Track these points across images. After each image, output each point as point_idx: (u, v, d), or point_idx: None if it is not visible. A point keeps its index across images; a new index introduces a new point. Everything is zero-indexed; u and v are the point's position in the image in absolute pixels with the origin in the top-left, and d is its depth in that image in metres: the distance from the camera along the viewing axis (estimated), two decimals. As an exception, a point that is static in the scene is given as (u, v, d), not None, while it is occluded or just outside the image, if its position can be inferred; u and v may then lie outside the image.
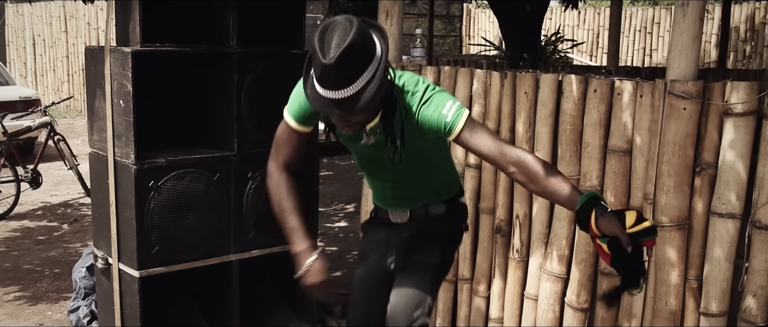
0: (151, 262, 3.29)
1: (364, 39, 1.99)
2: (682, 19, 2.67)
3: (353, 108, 2.02)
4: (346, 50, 1.94)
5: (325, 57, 1.96)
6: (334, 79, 1.98)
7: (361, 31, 1.98)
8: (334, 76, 1.97)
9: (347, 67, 1.96)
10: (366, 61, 2.00)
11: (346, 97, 1.99)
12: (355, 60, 1.97)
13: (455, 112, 2.14)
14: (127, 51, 3.14)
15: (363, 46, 1.99)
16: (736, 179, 2.65)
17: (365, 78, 1.99)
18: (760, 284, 2.67)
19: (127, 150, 3.23)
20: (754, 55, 12.10)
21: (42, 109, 7.50)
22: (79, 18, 14.14)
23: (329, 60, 1.95)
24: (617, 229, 1.95)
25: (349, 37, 1.95)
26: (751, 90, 2.59)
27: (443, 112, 2.14)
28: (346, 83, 1.98)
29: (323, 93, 2.01)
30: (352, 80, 1.98)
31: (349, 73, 1.97)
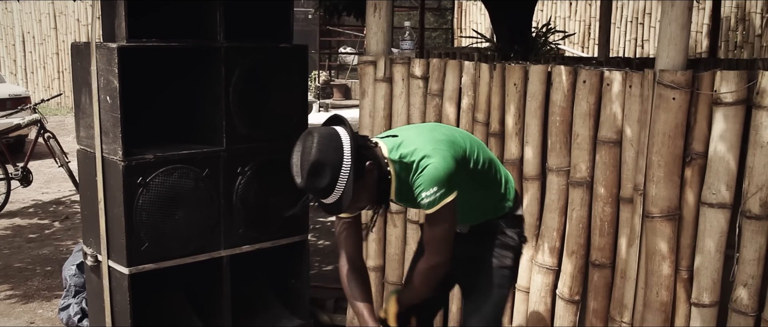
0: (140, 258, 3.27)
1: (325, 154, 2.19)
2: (671, 8, 2.66)
3: (340, 211, 2.28)
4: (310, 173, 2.18)
5: (297, 180, 2.22)
6: (316, 195, 2.23)
7: (321, 147, 2.19)
8: (313, 193, 2.23)
9: (317, 184, 2.20)
10: (335, 172, 2.20)
11: (332, 204, 2.24)
12: (323, 176, 2.19)
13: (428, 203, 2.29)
14: (113, 47, 3.11)
15: (326, 160, 2.19)
16: (725, 169, 2.64)
17: (341, 185, 2.21)
18: (751, 274, 2.66)
19: (114, 146, 3.20)
20: (745, 45, 12.11)
21: (31, 106, 7.46)
22: (69, 15, 14.08)
23: (301, 185, 2.21)
24: None
25: (311, 159, 2.18)
26: (740, 79, 2.58)
27: (424, 195, 2.29)
28: (327, 194, 2.21)
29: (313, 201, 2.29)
30: (329, 192, 2.21)
31: (323, 188, 2.20)
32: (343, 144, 2.22)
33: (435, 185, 2.27)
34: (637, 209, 2.85)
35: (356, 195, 2.25)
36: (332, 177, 2.19)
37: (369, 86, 3.62)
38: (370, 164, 2.28)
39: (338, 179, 2.19)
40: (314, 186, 2.19)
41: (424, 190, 2.28)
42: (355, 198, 2.24)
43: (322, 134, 2.23)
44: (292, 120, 3.68)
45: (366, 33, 3.60)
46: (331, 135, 2.24)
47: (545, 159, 3.14)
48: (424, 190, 2.28)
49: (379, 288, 3.74)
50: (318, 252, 5.48)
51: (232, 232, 3.53)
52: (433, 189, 2.27)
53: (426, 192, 2.28)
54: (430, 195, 2.28)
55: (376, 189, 2.34)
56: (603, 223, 3.00)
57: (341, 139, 2.23)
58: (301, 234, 3.83)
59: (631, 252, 2.90)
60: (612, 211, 2.99)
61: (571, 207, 3.08)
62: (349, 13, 8.13)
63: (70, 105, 13.72)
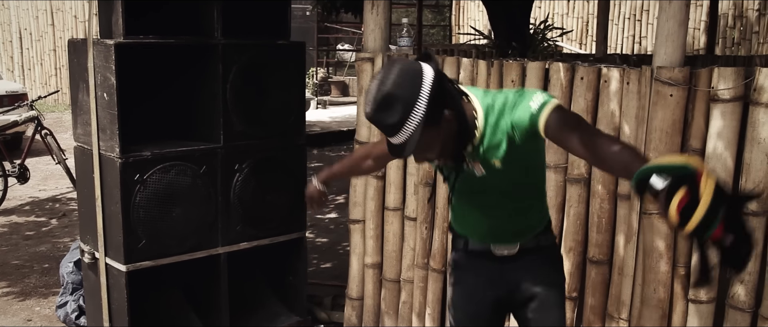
0: (137, 256, 3.27)
1: (401, 89, 1.93)
2: (668, 5, 2.66)
3: (406, 153, 2.00)
4: (379, 105, 1.94)
5: (366, 112, 1.99)
6: (383, 130, 1.98)
7: (397, 80, 1.94)
8: (379, 127, 1.98)
9: (384, 119, 1.95)
10: (405, 111, 1.93)
11: (399, 144, 1.98)
12: (392, 112, 1.93)
13: (540, 104, 1.97)
14: (110, 43, 3.10)
15: (400, 96, 1.93)
16: (723, 165, 2.64)
17: (409, 126, 1.93)
18: (748, 270, 2.66)
19: (111, 143, 3.20)
20: (743, 42, 12.12)
21: (29, 103, 7.44)
22: (66, 11, 14.05)
23: (368, 115, 1.98)
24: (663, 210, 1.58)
25: (384, 89, 1.94)
26: (738, 76, 2.58)
27: (530, 104, 1.99)
28: (393, 132, 1.96)
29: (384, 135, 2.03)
30: (396, 130, 1.95)
31: (390, 125, 1.95)
32: (423, 82, 1.95)
33: (536, 93, 2.02)
34: (634, 206, 2.85)
35: (426, 143, 1.98)
36: (402, 115, 1.92)
37: (367, 83, 3.61)
38: (449, 114, 2.01)
39: (408, 119, 1.93)
40: (381, 120, 1.95)
41: (528, 100, 1.99)
42: (424, 145, 1.99)
43: (405, 67, 1.97)
44: (289, 117, 3.68)
45: (363, 30, 3.59)
46: (414, 70, 1.97)
47: (543, 156, 3.14)
48: (528, 101, 1.99)
49: (376, 285, 3.74)
50: (315, 249, 5.48)
51: (230, 229, 3.53)
52: (536, 95, 2.00)
53: (531, 101, 1.98)
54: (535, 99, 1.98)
55: (452, 142, 2.07)
56: (600, 220, 3.00)
57: (423, 77, 1.95)
58: (298, 231, 3.83)
59: (629, 249, 2.90)
60: (610, 207, 2.99)
61: (568, 204, 3.08)
62: (347, 9, 8.11)
63: (67, 102, 13.70)
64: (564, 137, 1.96)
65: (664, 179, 1.54)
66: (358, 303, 3.82)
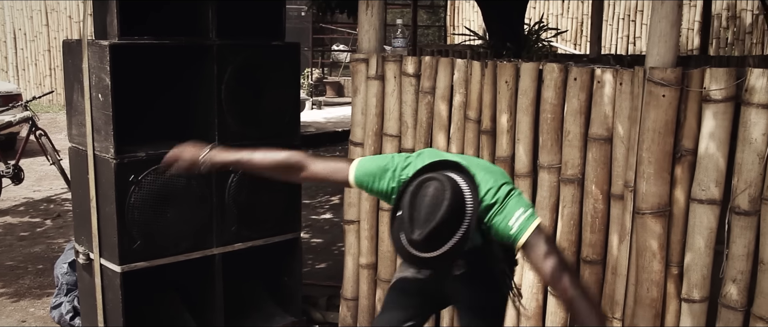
0: (132, 256, 3.27)
1: (453, 212, 1.99)
2: (661, 5, 2.67)
3: (438, 267, 2.19)
4: (434, 230, 1.98)
5: (413, 233, 2.00)
6: (421, 249, 2.02)
7: (452, 205, 1.99)
8: (422, 247, 2.01)
9: (434, 241, 2.00)
10: (453, 231, 2.00)
11: (431, 257, 2.03)
12: (443, 235, 1.99)
13: (521, 225, 2.14)
14: (105, 44, 3.11)
15: (452, 219, 1.99)
16: (715, 166, 2.66)
17: (451, 243, 2.01)
18: (740, 270, 2.69)
19: (106, 144, 3.20)
20: (736, 42, 12.16)
21: (23, 103, 7.42)
22: (61, 11, 14.02)
23: (417, 237, 1.99)
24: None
25: (439, 215, 1.97)
26: (729, 77, 2.60)
27: (509, 223, 2.15)
28: (432, 250, 2.01)
29: (410, 249, 2.05)
30: (438, 248, 2.01)
31: (436, 245, 2.01)
32: (466, 213, 2.03)
33: (520, 207, 2.16)
34: (627, 206, 2.87)
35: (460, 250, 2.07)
36: (451, 232, 2.01)
37: (361, 84, 3.62)
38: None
39: (455, 234, 2.01)
40: (430, 241, 2.00)
41: (510, 217, 2.15)
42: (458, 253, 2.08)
43: (456, 193, 2.02)
44: (284, 118, 3.69)
45: (358, 30, 3.60)
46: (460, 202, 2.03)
47: (536, 156, 3.15)
48: (509, 219, 2.15)
49: (371, 285, 3.75)
50: (311, 250, 5.48)
51: (225, 230, 3.53)
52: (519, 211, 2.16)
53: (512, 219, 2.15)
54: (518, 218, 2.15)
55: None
56: (594, 220, 3.02)
57: (466, 207, 2.03)
58: (293, 232, 3.83)
59: (622, 248, 2.92)
60: (603, 207, 3.00)
61: (562, 204, 3.09)
62: (342, 10, 8.12)
63: (61, 102, 13.67)
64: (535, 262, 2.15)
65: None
66: (353, 303, 3.83)
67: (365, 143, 3.63)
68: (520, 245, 2.15)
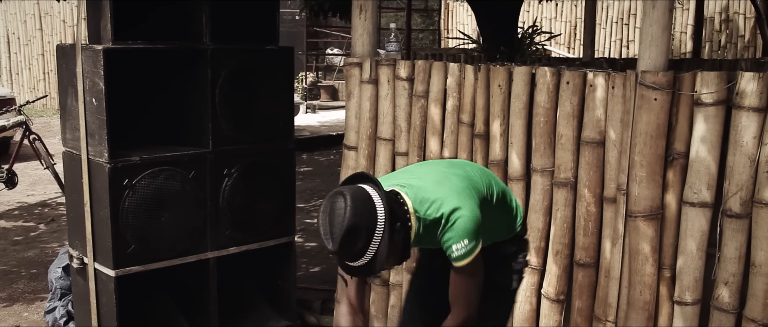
0: (126, 261, 3.27)
1: (359, 218, 2.10)
2: (652, 10, 2.69)
3: (371, 273, 2.19)
4: (344, 238, 2.09)
5: (329, 246, 2.12)
6: (345, 258, 2.15)
7: (354, 211, 2.09)
8: (344, 257, 2.14)
9: (350, 248, 2.11)
10: (369, 236, 2.11)
11: (362, 266, 2.15)
12: (357, 240, 2.11)
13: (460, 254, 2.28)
14: (99, 49, 3.11)
15: (361, 224, 2.10)
16: (706, 169, 2.67)
17: (373, 248, 2.13)
18: (732, 272, 2.70)
19: (100, 148, 3.20)
20: (729, 45, 12.21)
21: (17, 107, 7.41)
22: (54, 15, 14.00)
23: (333, 249, 2.11)
24: None
25: (345, 223, 2.08)
26: (720, 80, 2.61)
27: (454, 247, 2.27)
28: (356, 258, 2.13)
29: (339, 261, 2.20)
30: (360, 255, 2.13)
31: (356, 252, 2.12)
32: (376, 207, 2.14)
33: (465, 238, 2.26)
34: (620, 209, 2.88)
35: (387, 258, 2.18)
36: (366, 241, 2.11)
37: (355, 88, 3.63)
38: (399, 226, 2.22)
39: (371, 243, 2.12)
40: (347, 251, 2.12)
41: (455, 242, 2.26)
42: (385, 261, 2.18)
43: (355, 196, 2.13)
44: (278, 122, 3.70)
45: (352, 35, 3.62)
46: (364, 197, 2.15)
47: (530, 160, 3.16)
48: (454, 243, 2.26)
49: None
50: (305, 253, 5.48)
51: (219, 233, 3.54)
52: (464, 242, 2.26)
53: (456, 245, 2.26)
54: (460, 248, 2.26)
55: (402, 248, 2.28)
56: (587, 223, 3.03)
57: (374, 202, 2.14)
58: (287, 235, 3.84)
59: (615, 251, 2.93)
60: (596, 211, 3.01)
61: (555, 207, 3.11)
62: (335, 14, 8.13)
63: (55, 107, 13.64)
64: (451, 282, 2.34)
65: None
66: (347, 307, 3.82)
67: (359, 147, 3.64)
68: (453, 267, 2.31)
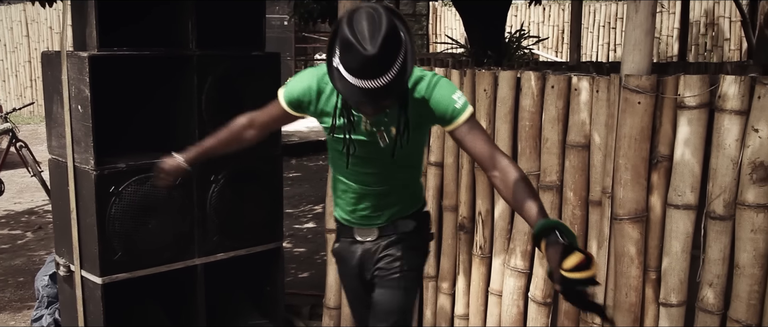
0: (113, 268, 3.26)
1: (393, 26, 2.00)
2: (635, 14, 2.71)
3: (390, 94, 2.03)
4: (384, 40, 1.95)
5: (366, 49, 1.94)
6: (375, 70, 1.97)
7: (389, 18, 1.99)
8: (376, 66, 1.97)
9: (386, 56, 1.97)
10: (398, 48, 2.00)
11: (382, 85, 1.99)
12: (392, 48, 1.98)
13: (463, 103, 2.22)
14: (84, 56, 3.11)
15: (395, 33, 2.00)
16: (690, 171, 2.70)
17: (398, 64, 2.00)
18: (716, 274, 2.72)
19: (86, 156, 3.20)
20: (715, 49, 12.30)
21: (3, 115, 7.38)
22: (41, 22, 13.95)
23: (371, 52, 1.94)
24: (553, 265, 1.91)
25: (384, 27, 1.96)
26: (703, 83, 2.64)
27: (454, 97, 2.21)
28: (384, 72, 1.98)
29: (360, 84, 1.99)
30: (388, 68, 1.98)
31: (387, 62, 1.98)
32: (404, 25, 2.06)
33: (457, 90, 2.24)
34: (605, 212, 2.90)
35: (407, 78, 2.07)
36: (397, 48, 2.00)
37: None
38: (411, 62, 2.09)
39: (400, 52, 2.00)
40: (383, 55, 1.95)
41: (452, 93, 2.21)
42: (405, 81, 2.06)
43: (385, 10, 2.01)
44: (265, 127, 3.69)
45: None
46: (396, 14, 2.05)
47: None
48: (451, 94, 2.21)
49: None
50: (293, 259, 5.48)
51: (207, 240, 3.53)
52: (458, 93, 2.22)
53: (455, 95, 2.21)
54: (459, 97, 2.21)
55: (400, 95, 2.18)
56: (573, 226, 3.04)
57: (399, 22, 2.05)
58: (275, 241, 3.84)
59: (601, 254, 2.95)
60: (581, 214, 3.03)
61: (541, 210, 3.12)
62: (324, 19, 8.15)
63: (42, 113, 13.57)
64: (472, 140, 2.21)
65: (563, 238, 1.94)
66: (335, 312, 3.83)
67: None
68: (458, 123, 2.20)
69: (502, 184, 2.17)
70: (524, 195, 2.11)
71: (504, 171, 2.16)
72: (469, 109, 2.22)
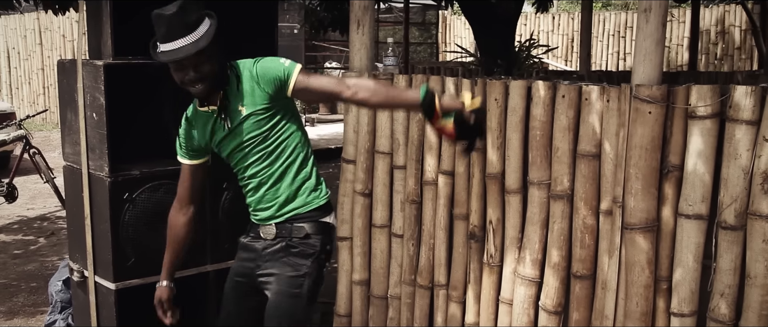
0: (127, 274, 3.29)
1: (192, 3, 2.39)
2: (646, 24, 2.72)
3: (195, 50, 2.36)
4: (183, 6, 2.35)
5: (166, 10, 2.35)
6: (176, 30, 2.35)
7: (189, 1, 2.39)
8: (176, 26, 2.34)
9: (186, 16, 2.35)
10: (201, 16, 2.40)
11: (186, 45, 2.36)
12: (190, 12, 2.37)
13: (290, 62, 2.48)
14: (99, 64, 3.14)
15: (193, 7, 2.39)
16: (701, 181, 2.70)
17: (202, 29, 2.38)
18: (728, 284, 2.72)
19: (101, 163, 3.23)
20: (726, 58, 12.28)
21: (17, 122, 7.45)
22: (54, 30, 14.06)
23: (170, 10, 2.34)
24: (459, 104, 2.38)
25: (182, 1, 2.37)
26: (714, 93, 2.65)
27: (280, 62, 2.49)
28: (185, 33, 2.35)
29: (168, 47, 2.38)
30: (192, 29, 2.36)
31: (189, 23, 2.36)
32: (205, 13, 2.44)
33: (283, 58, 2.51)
34: (616, 221, 2.90)
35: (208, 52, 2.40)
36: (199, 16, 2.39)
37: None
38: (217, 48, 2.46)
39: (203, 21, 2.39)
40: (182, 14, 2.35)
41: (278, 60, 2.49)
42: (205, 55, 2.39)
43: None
44: (277, 135, 3.72)
45: (350, 49, 3.65)
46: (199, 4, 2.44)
47: (526, 172, 3.19)
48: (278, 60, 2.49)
49: (364, 302, 3.77)
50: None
51: (219, 246, 3.55)
52: (283, 59, 2.50)
53: (281, 60, 2.49)
54: (285, 61, 2.49)
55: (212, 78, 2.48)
56: (584, 235, 3.05)
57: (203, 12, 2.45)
58: (286, 248, 3.85)
59: (612, 263, 2.95)
60: (592, 223, 3.04)
61: (552, 219, 3.13)
62: (334, 28, 8.19)
63: (55, 120, 13.68)
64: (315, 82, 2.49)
65: None
66: (346, 320, 3.84)
67: (357, 160, 3.67)
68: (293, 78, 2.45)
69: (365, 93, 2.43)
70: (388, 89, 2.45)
71: (358, 84, 2.45)
72: (298, 65, 2.48)
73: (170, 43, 2.37)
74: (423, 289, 3.56)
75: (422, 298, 3.59)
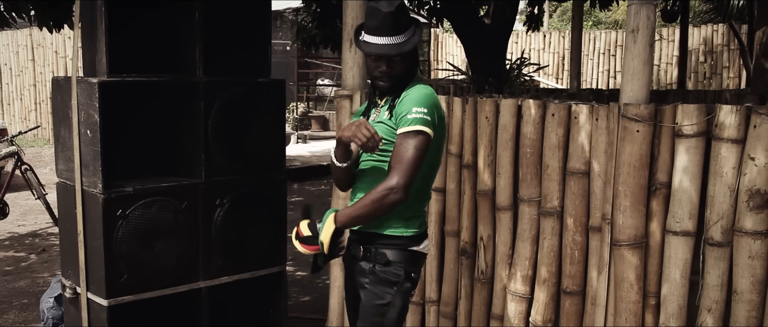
0: (119, 290, 3.29)
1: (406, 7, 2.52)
2: (633, 45, 2.78)
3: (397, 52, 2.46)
4: (399, 8, 2.47)
5: (383, 8, 2.45)
6: (388, 28, 2.45)
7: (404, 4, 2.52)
8: (389, 24, 2.45)
9: (398, 19, 2.46)
10: (410, 21, 2.51)
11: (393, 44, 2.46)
12: (404, 15, 2.48)
13: (415, 119, 2.40)
14: (94, 82, 3.17)
15: (407, 11, 2.52)
16: (688, 198, 2.75)
17: (409, 33, 2.49)
18: (715, 299, 2.76)
19: (94, 179, 3.24)
20: (714, 76, 12.39)
21: (8, 138, 7.44)
22: (46, 46, 14.07)
23: (387, 9, 2.44)
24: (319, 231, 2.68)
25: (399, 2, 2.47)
26: (700, 112, 2.70)
27: (414, 108, 2.43)
28: (396, 32, 2.46)
29: (375, 40, 2.48)
30: (402, 31, 2.47)
31: (400, 25, 2.47)
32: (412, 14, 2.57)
33: (425, 106, 2.42)
34: (605, 238, 2.94)
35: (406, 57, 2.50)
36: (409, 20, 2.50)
37: (345, 120, 3.70)
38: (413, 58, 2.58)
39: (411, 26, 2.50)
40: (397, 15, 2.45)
41: (417, 105, 2.42)
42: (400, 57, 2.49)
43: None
44: (270, 152, 3.75)
45: (342, 67, 3.69)
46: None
47: (517, 190, 3.23)
48: (416, 106, 2.42)
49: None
50: (296, 282, 5.51)
51: (211, 263, 3.57)
52: (422, 109, 2.41)
53: (417, 108, 2.42)
54: (418, 112, 2.41)
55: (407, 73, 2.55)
56: (573, 252, 3.09)
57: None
58: (279, 265, 3.87)
59: (601, 280, 2.98)
60: (582, 239, 3.08)
61: (542, 236, 3.16)
62: (326, 45, 8.24)
63: (46, 137, 13.66)
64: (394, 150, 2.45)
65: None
66: (337, 336, 3.86)
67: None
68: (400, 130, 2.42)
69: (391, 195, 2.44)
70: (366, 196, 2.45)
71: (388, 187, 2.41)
72: (416, 126, 2.39)
73: (378, 37, 2.47)
74: (414, 305, 3.58)
75: (413, 314, 3.61)
